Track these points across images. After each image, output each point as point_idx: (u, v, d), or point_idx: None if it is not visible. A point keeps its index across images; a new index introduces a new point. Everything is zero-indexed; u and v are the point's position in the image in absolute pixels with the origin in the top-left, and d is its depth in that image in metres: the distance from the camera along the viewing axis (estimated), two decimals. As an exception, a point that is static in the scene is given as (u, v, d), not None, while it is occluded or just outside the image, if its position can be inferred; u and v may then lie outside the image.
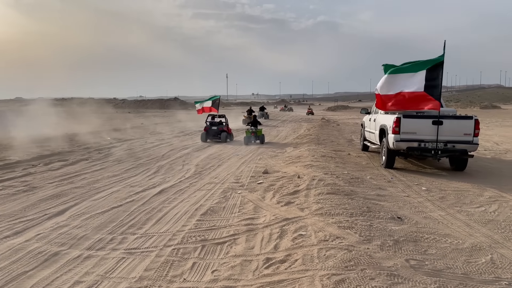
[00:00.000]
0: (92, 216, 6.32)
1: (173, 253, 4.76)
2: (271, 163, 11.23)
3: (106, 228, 5.75)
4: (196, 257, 4.62)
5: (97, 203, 7.10)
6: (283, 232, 5.07)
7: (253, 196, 7.29)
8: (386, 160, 9.93)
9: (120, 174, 9.91)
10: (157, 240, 5.23)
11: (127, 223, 5.98)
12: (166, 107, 75.63)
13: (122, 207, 6.86)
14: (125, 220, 6.12)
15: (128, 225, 5.91)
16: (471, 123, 9.04)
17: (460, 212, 6.05)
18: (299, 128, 26.54)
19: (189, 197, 7.53)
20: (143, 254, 4.79)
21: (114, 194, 7.75)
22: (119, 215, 6.36)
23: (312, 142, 15.43)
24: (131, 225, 5.91)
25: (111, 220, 6.14)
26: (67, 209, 6.69)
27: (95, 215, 6.35)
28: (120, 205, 6.98)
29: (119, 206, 6.91)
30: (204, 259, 4.58)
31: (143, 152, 13.94)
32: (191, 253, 4.75)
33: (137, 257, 4.70)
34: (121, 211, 6.59)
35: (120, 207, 6.82)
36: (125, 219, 6.19)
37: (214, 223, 5.84)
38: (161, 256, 4.68)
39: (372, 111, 12.62)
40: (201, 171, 10.29)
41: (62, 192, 7.89)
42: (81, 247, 5.03)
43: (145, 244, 5.10)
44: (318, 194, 6.66)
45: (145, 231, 5.66)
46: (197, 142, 17.66)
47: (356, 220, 5.17)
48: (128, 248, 5.00)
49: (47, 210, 6.62)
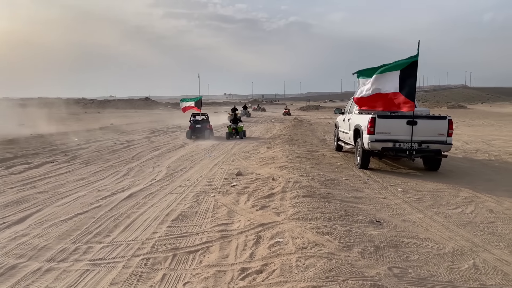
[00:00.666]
0: (55, 224, 5.90)
1: (141, 264, 4.43)
2: (244, 164, 10.97)
3: (70, 237, 5.35)
4: (167, 268, 4.31)
5: (61, 209, 6.66)
6: (259, 239, 4.82)
7: (227, 200, 7.02)
8: (361, 160, 9.84)
9: (87, 177, 9.43)
10: (124, 250, 4.88)
11: (93, 231, 5.59)
12: (136, 107, 74.26)
13: (88, 213, 6.45)
14: (91, 228, 5.73)
15: (94, 233, 5.53)
16: (444, 123, 9.05)
17: (438, 214, 5.96)
18: (272, 128, 26.40)
19: (159, 201, 7.18)
20: (109, 265, 4.44)
21: (80, 200, 7.31)
22: (85, 222, 5.96)
23: (285, 142, 15.26)
24: (97, 233, 5.53)
25: (76, 227, 5.73)
26: (28, 217, 6.23)
27: (58, 223, 5.92)
28: (86, 211, 6.56)
29: (84, 212, 6.50)
30: (175, 270, 4.27)
31: (112, 154, 13.42)
32: (161, 264, 4.44)
33: (103, 269, 4.35)
34: (87, 218, 6.18)
35: (86, 214, 6.41)
36: (90, 226, 5.80)
37: (186, 230, 5.53)
38: (129, 267, 4.35)
39: (346, 111, 12.55)
40: (173, 173, 9.93)
41: (24, 197, 7.39)
42: (41, 259, 4.63)
43: (111, 254, 4.75)
44: (294, 197, 6.45)
45: (112, 239, 5.30)
46: (169, 142, 17.22)
47: (335, 225, 4.98)
48: (93, 259, 4.63)
49: (6, 218, 6.13)
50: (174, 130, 24.56)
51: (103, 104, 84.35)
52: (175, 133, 22.10)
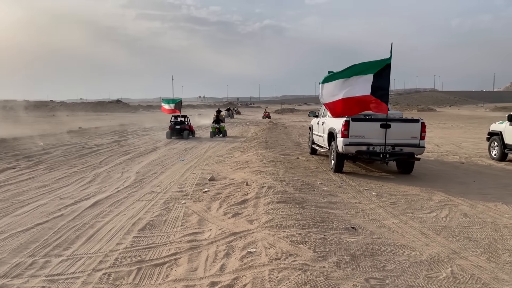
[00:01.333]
0: (11, 235, 5.48)
1: (103, 280, 4.10)
2: (218, 169, 10.70)
3: (27, 250, 4.95)
4: (130, 284, 4.00)
5: (19, 219, 6.22)
6: (230, 250, 4.57)
7: (198, 207, 6.74)
8: (335, 164, 9.73)
9: (50, 184, 8.96)
10: (85, 263, 4.54)
11: (52, 243, 5.21)
12: (108, 110, 72.66)
13: (48, 223, 6.04)
14: (50, 240, 5.34)
15: (53, 245, 5.15)
16: (417, 126, 9.04)
17: (413, 219, 5.86)
18: (247, 131, 26.18)
19: (126, 209, 6.82)
20: (68, 281, 4.10)
21: (41, 208, 6.87)
22: (44, 233, 5.56)
23: (260, 146, 15.06)
24: (57, 245, 5.15)
25: (34, 239, 5.33)
26: (-18, 228, 5.78)
27: (15, 234, 5.51)
28: (46, 221, 6.15)
29: (44, 222, 6.08)
30: (139, 285, 3.97)
31: (78, 159, 12.89)
32: (124, 279, 4.12)
33: (60, 285, 4.01)
34: (47, 229, 5.78)
35: (46, 224, 6.00)
36: (50, 238, 5.41)
37: (153, 240, 5.22)
38: (89, 283, 4.02)
39: (320, 114, 12.45)
40: (142, 179, 9.56)
41: (-21, 207, 6.90)
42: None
43: (71, 269, 4.40)
44: (268, 203, 6.23)
45: (72, 252, 4.93)
46: (139, 146, 16.74)
47: (309, 232, 4.78)
48: (50, 274, 4.27)
49: (-43, 231, 5.67)
50: (146, 133, 24.01)
51: (73, 106, 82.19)
52: (146, 136, 21.58)
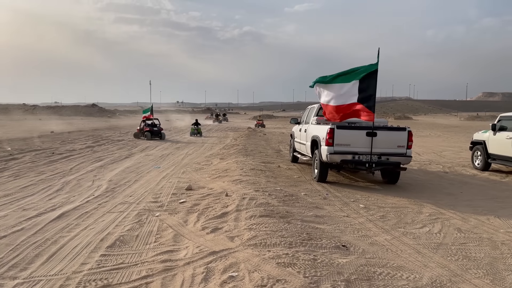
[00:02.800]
0: (-39, 253, 4.83)
1: (62, 309, 3.55)
2: (195, 177, 10.16)
3: (-22, 271, 4.33)
4: (94, 314, 3.46)
5: (-27, 234, 5.56)
6: (209, 272, 4.06)
7: (174, 220, 6.19)
8: (318, 173, 9.33)
9: (14, 193, 8.24)
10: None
11: (8, 262, 4.58)
12: (82, 114, 70.90)
13: (5, 238, 5.39)
14: (6, 258, 4.71)
15: (9, 265, 4.52)
16: (404, 135, 8.74)
17: (406, 235, 5.48)
18: (225, 137, 25.66)
19: (95, 222, 6.22)
20: (20, 311, 3.52)
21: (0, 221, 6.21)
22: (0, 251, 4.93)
23: (239, 153, 14.57)
24: (13, 264, 4.53)
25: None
26: None
27: (-34, 252, 4.86)
28: (4, 236, 5.50)
29: (1, 237, 5.43)
30: (104, 316, 3.43)
31: (47, 165, 12.12)
32: (87, 308, 3.58)
33: (11, 317, 3.43)
34: (3, 245, 5.13)
35: (3, 239, 5.35)
36: (6, 256, 4.78)
37: (123, 259, 4.66)
38: (45, 314, 3.46)
39: (302, 121, 12.07)
40: (114, 187, 8.93)
41: None
42: None
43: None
44: (250, 217, 5.74)
45: (30, 273, 4.33)
46: (113, 152, 16.01)
47: (297, 252, 4.32)
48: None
49: None
50: (121, 138, 23.20)
51: (46, 110, 79.93)
52: (121, 142, 20.81)
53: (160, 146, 19.21)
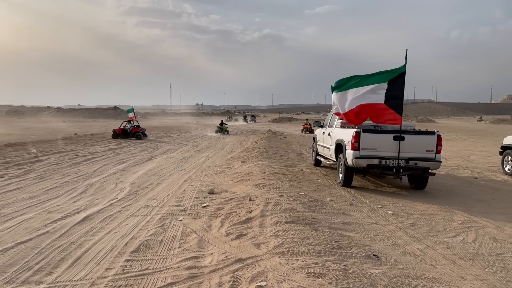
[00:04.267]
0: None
1: (87, 316, 3.48)
2: (217, 180, 10.07)
3: (4, 275, 4.32)
4: (119, 323, 3.37)
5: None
6: (236, 281, 3.93)
7: (197, 225, 6.10)
8: (343, 178, 9.11)
9: (38, 195, 8.31)
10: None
11: (34, 266, 4.57)
12: (105, 117, 71.97)
13: (31, 242, 5.39)
14: (32, 262, 4.70)
15: (34, 269, 4.51)
16: (433, 139, 8.45)
17: (439, 244, 5.25)
18: (246, 140, 25.56)
19: (119, 226, 6.18)
20: (46, 318, 3.47)
21: (25, 224, 6.22)
22: (25, 254, 4.92)
23: (261, 156, 14.44)
24: (39, 269, 4.51)
25: (13, 262, 4.69)
26: (-43, 247, 5.13)
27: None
28: (30, 239, 5.50)
29: (27, 240, 5.44)
30: (129, 325, 3.34)
31: (71, 168, 12.24)
32: (112, 316, 3.50)
33: (36, 323, 3.38)
34: (29, 248, 5.13)
35: (29, 243, 5.35)
36: (32, 260, 4.77)
37: (147, 265, 4.58)
38: (70, 321, 3.39)
39: (325, 124, 11.86)
40: (137, 190, 8.92)
41: (-42, 221, 6.25)
42: (-39, 307, 3.61)
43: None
44: (276, 223, 5.60)
45: (55, 278, 4.29)
46: (135, 155, 16.10)
47: (327, 261, 4.16)
48: (27, 307, 3.65)
49: None
50: (142, 141, 23.37)
51: (70, 112, 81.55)
52: (143, 144, 20.95)
53: (181, 148, 19.25)
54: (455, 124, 62.97)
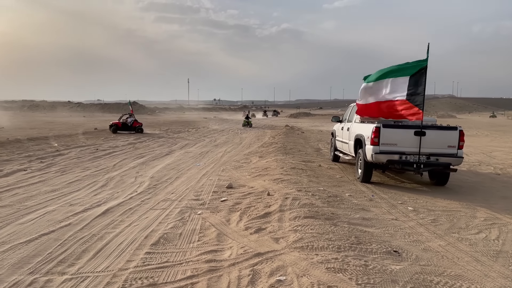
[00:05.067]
0: (13, 247, 4.95)
1: (109, 307, 3.53)
2: (235, 175, 10.09)
3: (28, 266, 4.41)
4: (140, 314, 3.42)
5: (23, 228, 5.70)
6: (255, 275, 3.94)
7: (216, 219, 6.13)
8: (362, 173, 9.02)
9: (60, 188, 8.46)
10: (91, 285, 3.98)
11: (57, 258, 4.66)
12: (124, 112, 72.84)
13: (54, 233, 5.50)
14: (55, 253, 4.79)
15: (57, 260, 4.60)
16: (455, 134, 8.29)
17: (461, 241, 5.16)
18: (263, 136, 25.55)
19: (139, 219, 6.26)
20: (69, 308, 3.54)
21: (48, 216, 6.35)
22: (48, 246, 5.02)
23: (278, 151, 14.42)
24: (61, 260, 4.60)
25: (37, 253, 4.80)
26: (-17, 238, 5.27)
27: (17, 246, 4.98)
28: (52, 230, 5.61)
29: (50, 232, 5.55)
30: (150, 317, 3.38)
31: (92, 161, 12.43)
32: (134, 307, 3.55)
33: (60, 313, 3.45)
34: (52, 240, 5.24)
35: (52, 234, 5.46)
36: (54, 251, 4.86)
37: (167, 258, 4.63)
38: (93, 312, 3.46)
39: (344, 119, 11.76)
40: (156, 184, 9.01)
41: (-17, 213, 6.41)
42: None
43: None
44: (294, 218, 5.59)
45: (77, 269, 4.37)
46: (154, 149, 16.26)
47: (347, 257, 4.13)
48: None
49: (-44, 240, 5.17)
50: (161, 135, 23.59)
51: (90, 107, 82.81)
52: (161, 139, 21.15)
53: (199, 143, 19.36)
54: (476, 120, 61.73)
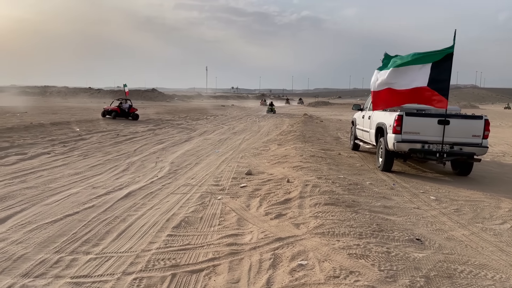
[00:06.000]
0: (39, 227, 5.08)
1: (133, 286, 3.60)
2: (254, 162, 10.11)
3: (54, 245, 4.53)
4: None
5: (48, 209, 5.83)
6: (276, 259, 3.96)
7: (236, 204, 6.17)
8: (383, 162, 8.93)
9: (83, 171, 8.62)
10: (115, 264, 4.06)
11: (81, 238, 4.77)
12: (143, 98, 73.48)
13: (78, 214, 5.62)
14: (79, 234, 4.90)
15: (81, 240, 4.70)
16: (480, 124, 8.12)
17: (485, 231, 5.07)
18: (281, 124, 25.49)
19: (160, 202, 6.34)
20: (94, 286, 3.62)
21: (72, 198, 6.48)
22: (73, 226, 5.14)
23: (297, 139, 14.37)
24: (86, 240, 4.71)
25: (62, 233, 4.91)
26: (10, 217, 5.41)
27: (43, 226, 5.10)
28: (77, 212, 5.73)
29: (74, 213, 5.66)
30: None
31: (113, 146, 12.62)
32: (157, 287, 3.60)
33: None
34: (76, 221, 5.35)
35: (76, 215, 5.58)
36: (79, 231, 4.97)
37: (189, 241, 4.69)
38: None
39: (365, 107, 11.62)
40: (176, 169, 9.09)
41: (10, 193, 6.57)
42: (15, 273, 3.82)
43: (99, 270, 3.92)
44: (315, 204, 5.57)
45: (102, 249, 4.47)
46: (174, 135, 16.40)
47: (368, 243, 4.11)
48: (77, 275, 3.81)
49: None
50: (180, 122, 23.76)
51: (110, 94, 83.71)
52: (180, 126, 21.30)
53: (217, 131, 19.44)
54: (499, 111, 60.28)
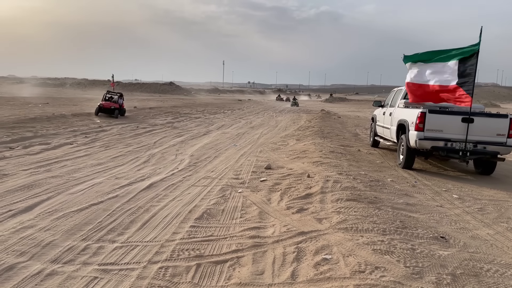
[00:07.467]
0: (65, 215, 5.20)
1: (159, 275, 3.67)
2: (273, 157, 10.13)
3: (80, 233, 4.64)
4: (189, 283, 3.54)
5: (73, 197, 5.97)
6: (300, 253, 3.99)
7: (257, 198, 6.20)
8: (404, 159, 8.85)
9: (105, 162, 8.77)
10: (140, 253, 4.14)
11: (107, 226, 4.87)
12: (161, 92, 74.13)
13: (102, 204, 5.73)
14: (105, 222, 5.01)
15: (107, 229, 4.81)
16: (505, 122, 7.98)
17: (510, 231, 5.01)
18: (299, 119, 25.42)
19: (182, 194, 6.42)
20: (121, 273, 3.70)
21: (96, 187, 6.61)
22: (98, 215, 5.25)
23: (316, 135, 14.33)
24: (111, 229, 4.81)
25: (88, 221, 5.02)
26: (37, 204, 5.55)
27: (69, 214, 5.23)
28: (101, 201, 5.85)
29: (99, 203, 5.78)
30: (199, 286, 3.50)
31: (133, 138, 12.79)
32: (182, 276, 3.66)
33: (113, 277, 3.62)
34: (101, 210, 5.47)
35: (100, 205, 5.69)
36: (104, 220, 5.08)
37: (212, 232, 4.75)
38: (144, 278, 3.60)
39: (386, 104, 11.51)
40: (196, 162, 9.18)
41: (36, 182, 6.73)
42: (44, 259, 3.93)
43: (125, 258, 4.01)
44: (337, 200, 5.57)
45: (127, 238, 4.56)
46: (192, 129, 16.52)
47: (393, 240, 4.10)
48: (104, 263, 3.91)
49: (13, 205, 5.46)
50: (198, 116, 23.90)
51: (128, 87, 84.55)
52: (198, 119, 21.44)
53: (235, 125, 19.51)
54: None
